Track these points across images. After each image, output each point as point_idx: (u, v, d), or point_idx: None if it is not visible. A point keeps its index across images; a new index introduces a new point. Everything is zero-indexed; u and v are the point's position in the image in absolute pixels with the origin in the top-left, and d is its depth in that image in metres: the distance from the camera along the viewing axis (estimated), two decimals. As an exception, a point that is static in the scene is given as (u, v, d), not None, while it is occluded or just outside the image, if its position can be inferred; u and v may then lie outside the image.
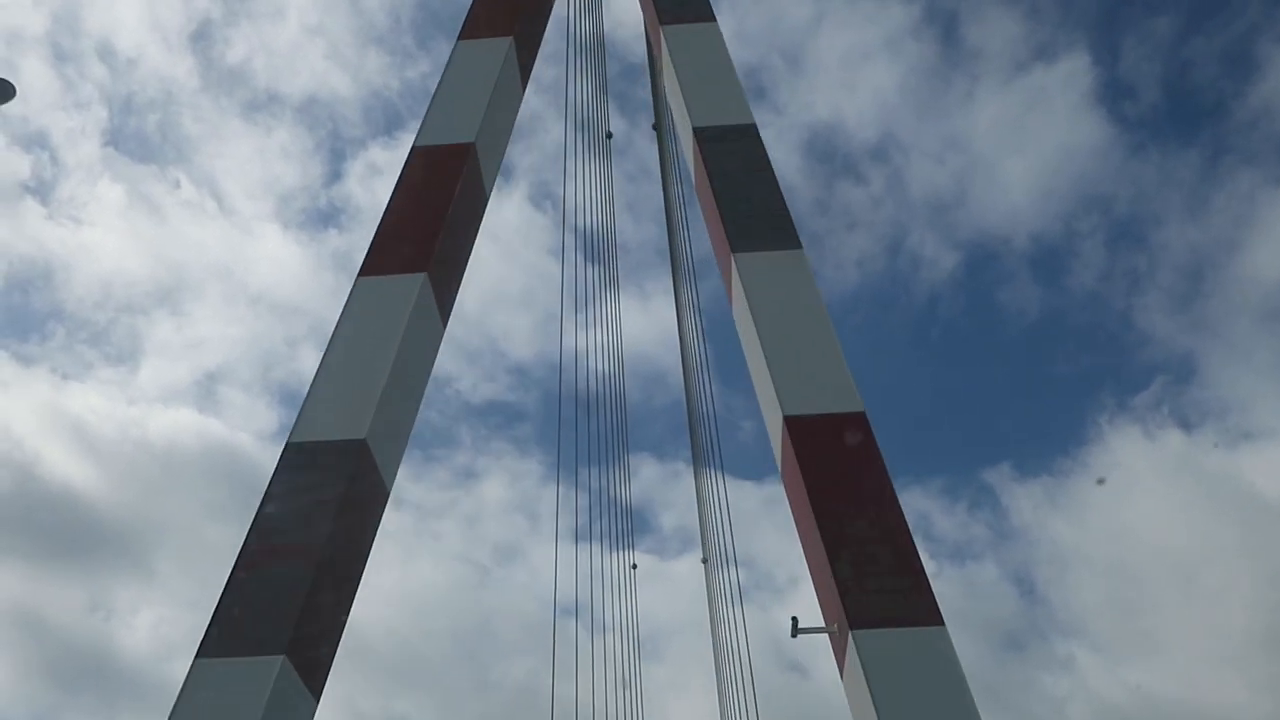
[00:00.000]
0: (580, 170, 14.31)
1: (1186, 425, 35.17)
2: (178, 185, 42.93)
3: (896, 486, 7.30)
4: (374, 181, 41.59)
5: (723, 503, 15.26)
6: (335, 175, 45.53)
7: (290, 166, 45.22)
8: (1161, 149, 37.51)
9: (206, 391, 41.96)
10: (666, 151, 18.25)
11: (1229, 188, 36.34)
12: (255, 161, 44.15)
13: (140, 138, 44.71)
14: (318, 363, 8.10)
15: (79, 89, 42.40)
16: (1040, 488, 35.96)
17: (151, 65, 42.12)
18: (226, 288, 43.51)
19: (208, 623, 6.70)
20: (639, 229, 42.65)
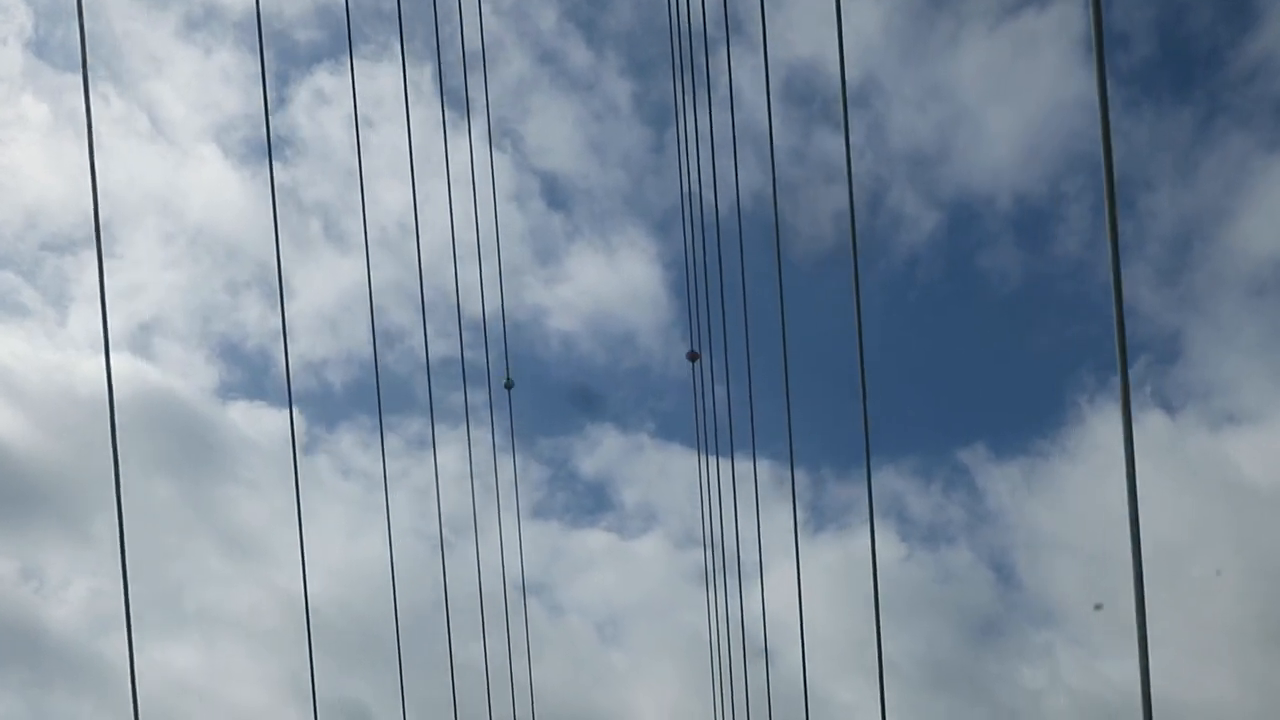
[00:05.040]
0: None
1: (1170, 407, 34.07)
2: (107, 102, 40.20)
3: (872, 464, 5.87)
4: (320, 111, 39.30)
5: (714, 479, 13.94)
6: (280, 102, 43.07)
7: (231, 91, 42.63)
8: (1155, 106, 36.05)
9: (141, 344, 39.87)
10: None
11: (1221, 151, 34.92)
12: (192, 85, 41.68)
13: (67, 50, 41.90)
14: (262, 314, 6.49)
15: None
16: (1017, 469, 34.86)
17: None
18: (162, 223, 41.15)
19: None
20: (606, 175, 40.83)
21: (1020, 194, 37.42)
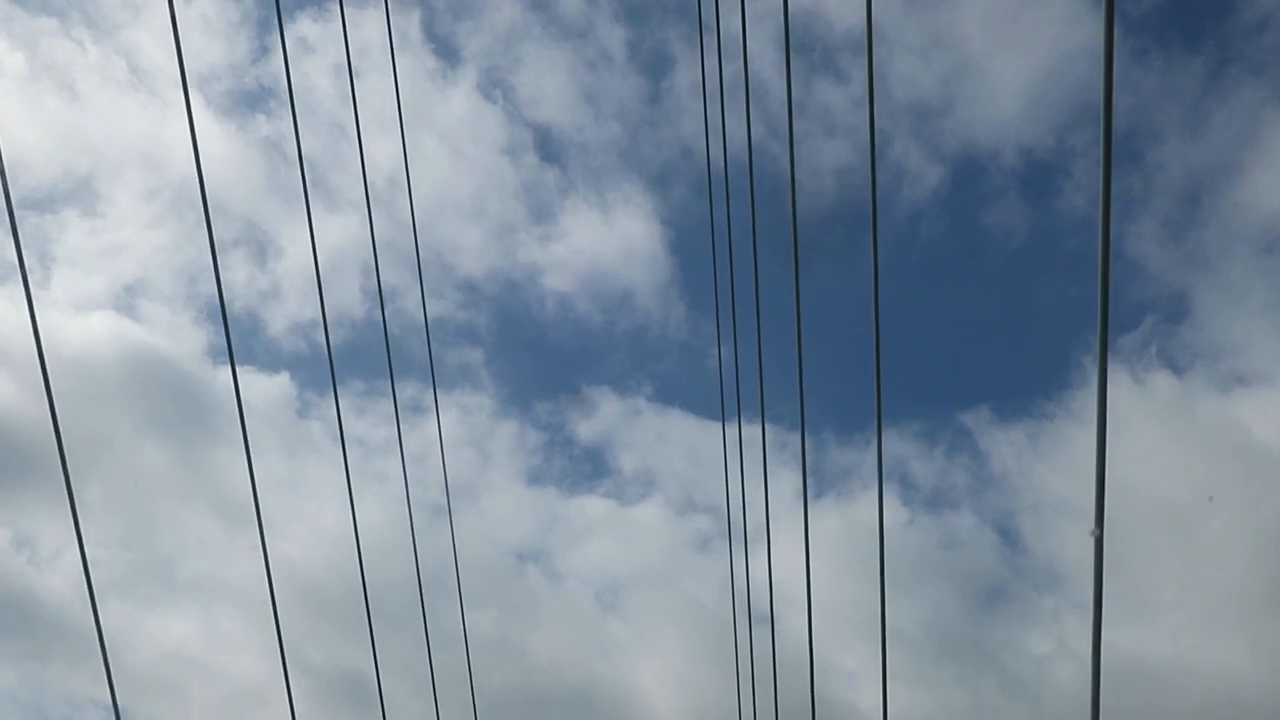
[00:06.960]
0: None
1: (1177, 368, 33.59)
2: (83, 49, 38.87)
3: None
4: (305, 60, 38.39)
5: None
6: (262, 51, 42.02)
7: (213, 40, 41.54)
8: (1164, 55, 35.30)
9: (126, 305, 39.17)
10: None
11: (1231, 102, 34.22)
12: (172, 32, 40.36)
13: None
14: (250, 275, 6.00)
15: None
16: (1022, 432, 34.52)
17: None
18: (145, 178, 40.28)
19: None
20: (600, 128, 40.04)
21: (1026, 147, 36.77)
